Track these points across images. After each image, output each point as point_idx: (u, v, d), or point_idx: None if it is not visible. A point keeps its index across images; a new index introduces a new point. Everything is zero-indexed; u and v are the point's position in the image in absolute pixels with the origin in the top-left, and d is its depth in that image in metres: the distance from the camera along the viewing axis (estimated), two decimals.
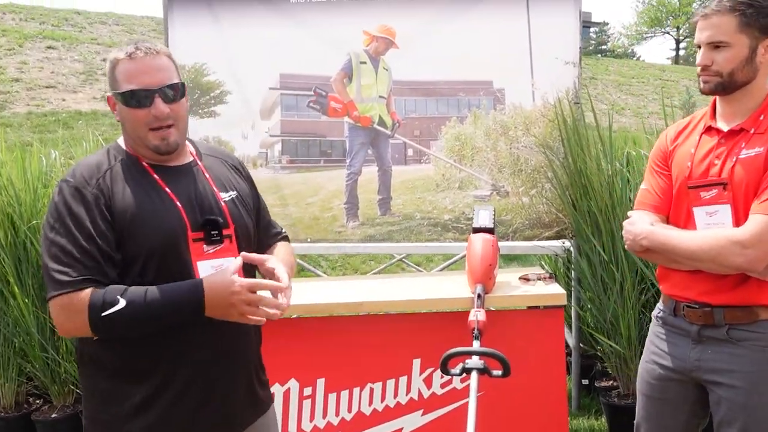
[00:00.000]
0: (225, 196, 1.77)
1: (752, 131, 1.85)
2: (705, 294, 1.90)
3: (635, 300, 3.22)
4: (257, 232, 1.89)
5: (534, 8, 3.50)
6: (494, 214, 2.72)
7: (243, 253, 1.67)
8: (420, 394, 2.76)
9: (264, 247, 1.94)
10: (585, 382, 3.78)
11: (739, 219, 1.83)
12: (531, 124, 3.56)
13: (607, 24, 50.19)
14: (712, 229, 1.86)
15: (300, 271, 4.26)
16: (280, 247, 1.96)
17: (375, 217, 3.66)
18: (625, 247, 2.05)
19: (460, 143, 3.67)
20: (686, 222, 1.94)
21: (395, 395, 2.77)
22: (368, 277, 4.18)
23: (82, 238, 1.56)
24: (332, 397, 2.76)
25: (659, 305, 2.09)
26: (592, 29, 47.75)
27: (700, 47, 1.89)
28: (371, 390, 2.77)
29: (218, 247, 1.69)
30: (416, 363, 2.76)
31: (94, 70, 13.67)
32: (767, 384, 1.85)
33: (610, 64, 23.82)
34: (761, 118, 1.86)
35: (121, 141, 1.75)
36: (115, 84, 1.65)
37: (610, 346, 3.29)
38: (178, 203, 1.67)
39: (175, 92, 1.66)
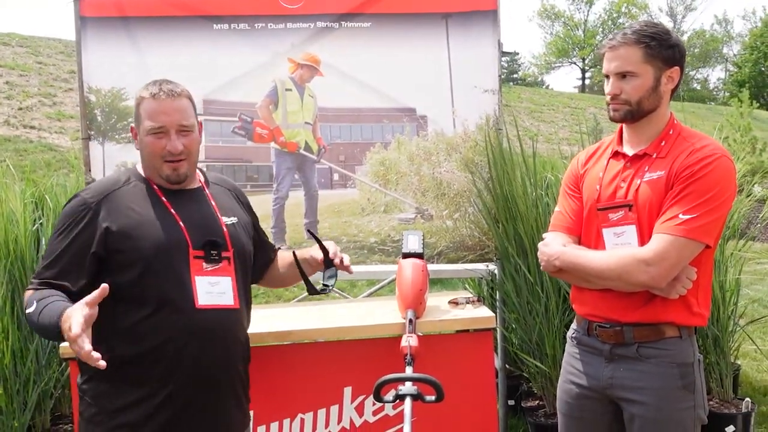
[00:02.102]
0: (227, 221, 1.97)
1: (655, 156, 1.96)
2: (615, 312, 1.97)
3: (559, 320, 3.30)
4: (257, 252, 2.11)
5: (453, 39, 3.59)
6: (423, 239, 2.74)
7: (103, 285, 1.64)
8: (352, 422, 2.72)
9: (267, 262, 2.21)
10: (511, 402, 3.84)
11: (643, 238, 1.91)
12: (452, 150, 3.64)
13: (518, 54, 52.39)
14: (620, 248, 1.94)
15: None
16: (282, 252, 2.27)
17: (302, 242, 3.62)
18: (541, 267, 2.11)
19: (384, 168, 3.70)
20: (596, 242, 2.02)
21: (326, 425, 2.71)
22: (295, 304, 4.10)
23: (62, 247, 1.80)
24: (261, 429, 2.67)
25: (573, 326, 2.16)
26: (504, 58, 49.52)
27: (608, 77, 1.98)
28: (302, 420, 2.70)
29: (216, 267, 1.90)
30: (347, 391, 2.71)
31: None
32: (676, 399, 1.93)
33: (521, 92, 24.76)
34: (662, 143, 1.96)
35: (139, 166, 1.98)
36: (138, 118, 1.89)
37: (536, 366, 3.36)
38: (180, 223, 1.87)
39: (188, 130, 1.88)
